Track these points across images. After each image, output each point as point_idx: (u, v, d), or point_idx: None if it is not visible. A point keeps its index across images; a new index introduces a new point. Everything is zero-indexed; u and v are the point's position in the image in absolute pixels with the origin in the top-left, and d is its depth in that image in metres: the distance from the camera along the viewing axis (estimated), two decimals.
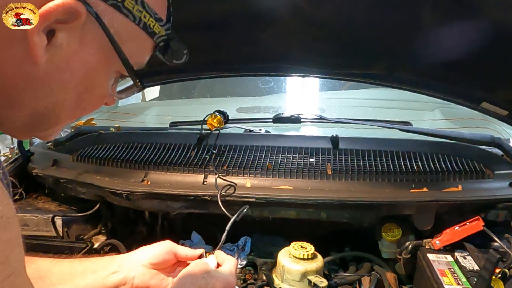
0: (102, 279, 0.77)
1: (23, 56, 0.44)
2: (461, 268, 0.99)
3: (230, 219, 1.00)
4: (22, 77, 0.46)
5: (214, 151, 1.25)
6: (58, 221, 1.27)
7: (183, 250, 0.87)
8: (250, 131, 1.52)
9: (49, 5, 0.43)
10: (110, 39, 0.48)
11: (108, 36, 0.48)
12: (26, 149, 1.44)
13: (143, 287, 0.79)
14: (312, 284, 1.01)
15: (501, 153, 1.27)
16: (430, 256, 1.04)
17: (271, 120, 1.50)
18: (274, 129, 1.61)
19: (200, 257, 0.88)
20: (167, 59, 0.57)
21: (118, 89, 0.60)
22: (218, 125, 1.38)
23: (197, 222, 1.36)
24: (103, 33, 0.48)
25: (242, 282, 1.14)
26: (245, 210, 0.99)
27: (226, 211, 1.16)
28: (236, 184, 1.14)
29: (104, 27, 0.47)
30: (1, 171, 0.41)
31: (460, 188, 1.13)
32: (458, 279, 0.95)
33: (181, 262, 0.87)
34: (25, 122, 0.51)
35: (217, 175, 1.16)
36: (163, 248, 0.84)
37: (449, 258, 1.04)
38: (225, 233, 0.99)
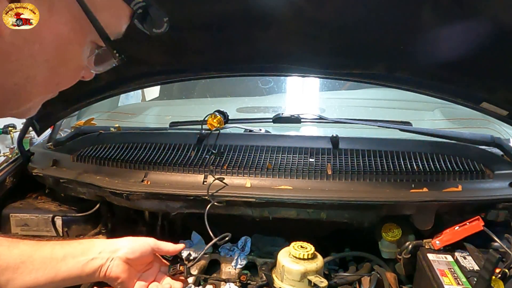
0: (82, 265, 0.79)
1: None
2: (461, 268, 0.99)
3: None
4: None
5: (214, 151, 1.25)
6: (58, 221, 1.28)
7: (166, 246, 0.90)
8: (250, 131, 1.52)
9: None
10: (82, 6, 0.44)
11: (80, 3, 0.44)
12: (26, 149, 1.44)
13: (113, 277, 0.81)
14: (312, 284, 1.01)
15: (501, 153, 1.27)
16: (430, 256, 1.04)
17: (271, 120, 1.50)
18: (274, 129, 1.61)
19: (180, 253, 0.93)
20: (146, 28, 0.52)
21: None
22: (218, 125, 1.38)
23: (197, 222, 1.36)
24: (76, 3, 0.44)
25: (238, 283, 1.14)
26: (227, 238, 1.01)
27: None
28: (227, 185, 1.14)
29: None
30: None
31: (460, 188, 1.13)
32: (458, 279, 0.95)
33: (159, 260, 0.91)
34: None
35: (213, 179, 1.15)
36: (143, 246, 0.86)
37: (449, 258, 1.04)
38: (201, 253, 1.04)
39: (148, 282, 0.87)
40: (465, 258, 1.03)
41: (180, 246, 0.92)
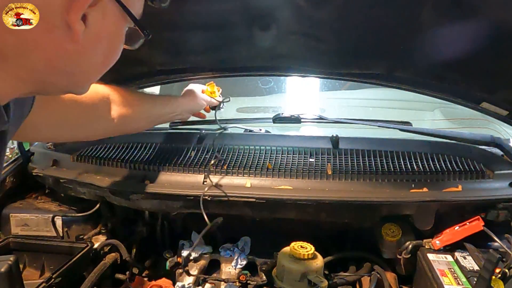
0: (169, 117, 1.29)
1: (64, 39, 0.55)
2: (461, 268, 0.99)
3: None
4: (64, 53, 0.57)
5: (218, 155, 1.25)
6: (58, 221, 1.28)
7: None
8: (250, 131, 1.52)
9: None
10: (123, 8, 0.59)
11: (121, 5, 0.59)
12: (26, 149, 1.44)
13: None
14: (312, 284, 1.01)
15: (501, 153, 1.27)
16: (430, 256, 1.05)
17: (271, 120, 1.50)
18: (274, 129, 1.61)
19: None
20: (155, 5, 0.67)
21: None
22: (212, 94, 1.38)
23: (197, 222, 1.36)
24: (117, 5, 0.58)
25: (238, 283, 1.14)
26: (219, 221, 1.11)
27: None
28: (218, 184, 1.14)
29: (117, 0, 0.58)
30: None
31: (460, 188, 1.13)
32: (458, 279, 0.95)
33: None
34: (65, 84, 0.64)
35: (207, 179, 1.16)
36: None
37: (449, 258, 1.04)
38: (198, 238, 1.08)
39: None
40: (465, 258, 1.03)
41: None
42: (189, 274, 1.18)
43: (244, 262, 1.20)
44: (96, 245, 1.23)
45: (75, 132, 1.02)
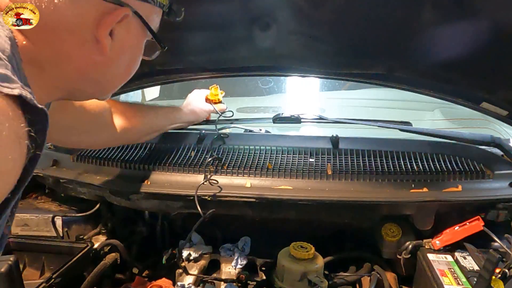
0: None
1: (94, 51, 0.61)
2: (461, 268, 0.99)
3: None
4: (93, 64, 0.63)
5: (216, 155, 1.25)
6: (58, 221, 1.28)
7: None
8: (250, 131, 1.52)
9: (111, 15, 0.59)
10: (144, 23, 0.65)
11: (143, 22, 0.65)
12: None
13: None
14: (312, 284, 1.01)
15: (501, 153, 1.27)
16: (430, 256, 1.05)
17: (271, 120, 1.50)
18: (274, 129, 1.61)
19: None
20: (171, 19, 0.73)
21: None
22: (215, 97, 1.39)
23: (200, 222, 1.37)
24: (139, 20, 0.65)
25: (238, 283, 1.14)
26: (211, 212, 1.11)
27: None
28: (217, 182, 1.14)
29: (140, 17, 0.64)
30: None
31: (460, 188, 1.13)
32: (458, 279, 0.95)
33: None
34: (91, 92, 0.72)
35: (206, 180, 1.15)
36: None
37: (449, 258, 1.04)
38: (192, 231, 1.11)
39: None
40: (465, 258, 1.03)
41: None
42: (187, 273, 1.18)
43: (244, 262, 1.20)
44: (96, 245, 1.23)
45: (81, 138, 1.08)
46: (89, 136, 1.09)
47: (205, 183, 1.14)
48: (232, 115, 1.46)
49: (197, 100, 1.38)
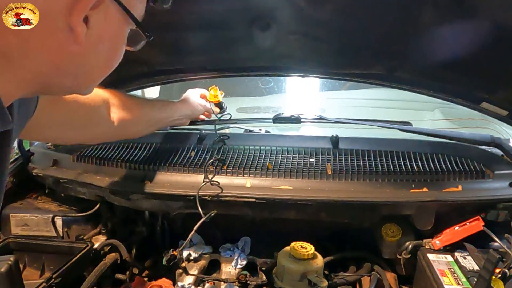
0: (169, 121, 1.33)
1: (67, 40, 0.56)
2: (461, 268, 0.99)
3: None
4: (67, 55, 0.58)
5: (218, 156, 1.25)
6: (58, 221, 1.28)
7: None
8: (250, 131, 1.52)
9: (83, 0, 0.54)
10: (124, 10, 0.60)
11: (123, 8, 0.60)
12: (26, 149, 1.44)
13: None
14: (312, 284, 1.01)
15: (501, 153, 1.27)
16: (430, 256, 1.04)
17: (271, 120, 1.50)
18: (274, 129, 1.61)
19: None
20: (157, 6, 0.69)
21: None
22: (215, 98, 1.38)
23: (197, 222, 1.36)
24: (118, 7, 0.59)
25: (238, 283, 1.14)
26: (212, 214, 1.12)
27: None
28: (219, 183, 1.14)
29: (119, 3, 0.59)
30: None
31: (460, 188, 1.13)
32: (458, 279, 0.95)
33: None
34: (69, 85, 0.65)
35: (209, 181, 1.15)
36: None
37: (449, 258, 1.04)
38: (192, 232, 1.10)
39: None
40: (465, 258, 1.03)
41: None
42: (187, 273, 1.18)
43: (244, 262, 1.20)
44: (96, 245, 1.23)
45: (77, 133, 1.04)
46: (85, 131, 1.05)
47: (210, 183, 1.14)
48: (230, 117, 1.45)
49: (193, 96, 1.37)
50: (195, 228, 1.09)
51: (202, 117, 1.43)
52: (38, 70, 0.57)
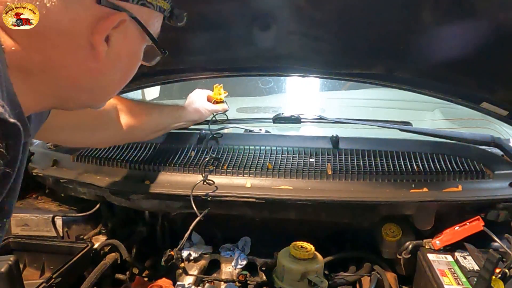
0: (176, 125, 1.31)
1: (88, 58, 0.58)
2: (461, 268, 0.99)
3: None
4: (86, 71, 0.60)
5: (212, 154, 1.25)
6: (58, 221, 1.28)
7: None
8: (250, 131, 1.52)
9: (107, 20, 0.56)
10: (143, 28, 0.62)
11: (141, 27, 0.62)
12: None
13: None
14: (312, 284, 1.01)
15: (501, 153, 1.27)
16: (430, 256, 1.05)
17: (271, 120, 1.50)
18: (274, 129, 1.61)
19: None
20: (172, 23, 0.70)
21: None
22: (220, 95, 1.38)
23: (197, 222, 1.36)
24: (138, 26, 0.61)
25: (238, 283, 1.14)
26: (206, 211, 1.12)
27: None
28: (214, 182, 1.15)
29: (139, 22, 0.61)
30: None
31: (460, 188, 1.13)
32: (458, 279, 0.95)
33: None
34: (84, 100, 0.67)
35: (203, 180, 1.16)
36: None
37: (449, 258, 1.04)
38: (189, 231, 1.10)
39: None
40: (465, 258, 1.03)
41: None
42: (186, 273, 1.18)
43: (244, 262, 1.20)
44: (96, 245, 1.23)
45: (87, 136, 1.06)
46: (94, 134, 1.07)
47: (203, 183, 1.14)
48: (226, 118, 1.44)
49: (200, 99, 1.36)
50: (191, 227, 1.09)
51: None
52: (56, 85, 0.59)
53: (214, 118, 1.39)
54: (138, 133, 1.19)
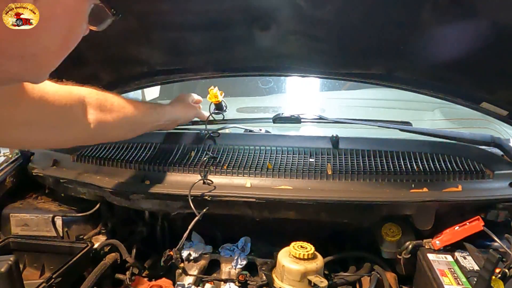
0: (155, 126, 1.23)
1: None
2: (461, 268, 0.99)
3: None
4: (9, 33, 0.49)
5: (210, 154, 1.25)
6: (58, 221, 1.28)
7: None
8: (250, 131, 1.52)
9: None
10: None
11: None
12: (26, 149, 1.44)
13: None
14: (312, 284, 1.01)
15: (501, 153, 1.27)
16: (430, 256, 1.04)
17: (271, 120, 1.50)
18: (274, 129, 1.61)
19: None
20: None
21: None
22: (216, 99, 1.37)
23: (197, 222, 1.36)
24: None
25: (238, 283, 1.14)
26: (205, 210, 1.11)
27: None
28: (212, 182, 1.15)
29: None
30: None
31: (460, 188, 1.13)
32: (458, 279, 0.95)
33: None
34: (15, 71, 0.55)
35: (201, 179, 1.16)
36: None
37: (449, 258, 1.04)
38: (187, 231, 1.09)
39: None
40: (465, 258, 1.03)
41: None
42: (186, 273, 1.18)
43: (244, 262, 1.20)
44: (96, 245, 1.23)
45: (47, 135, 0.91)
46: (56, 132, 0.91)
47: (203, 182, 1.14)
48: (223, 118, 1.44)
49: (184, 100, 1.31)
50: (189, 227, 1.09)
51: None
52: None
53: (211, 118, 1.39)
54: (109, 132, 1.06)
